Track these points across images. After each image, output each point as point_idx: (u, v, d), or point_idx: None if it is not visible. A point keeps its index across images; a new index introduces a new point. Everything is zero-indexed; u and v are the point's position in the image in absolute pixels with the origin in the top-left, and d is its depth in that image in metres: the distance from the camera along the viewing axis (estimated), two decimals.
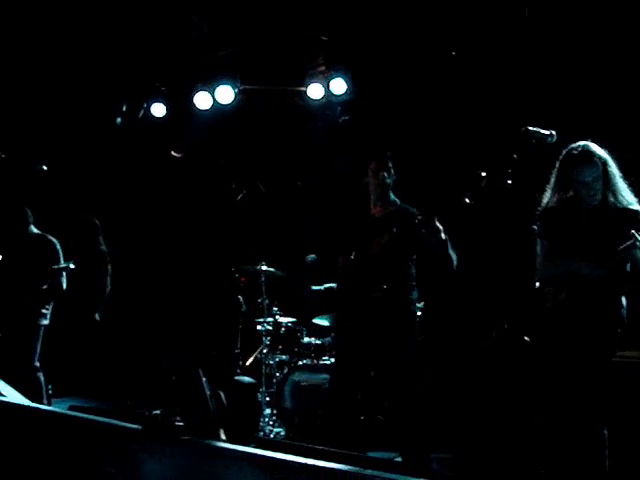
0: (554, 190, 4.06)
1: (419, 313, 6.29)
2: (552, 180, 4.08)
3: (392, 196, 5.06)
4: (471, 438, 5.10)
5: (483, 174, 4.21)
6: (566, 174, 3.98)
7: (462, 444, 5.11)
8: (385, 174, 5.01)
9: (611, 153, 3.94)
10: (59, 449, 3.80)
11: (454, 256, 4.71)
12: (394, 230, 4.75)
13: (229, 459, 3.19)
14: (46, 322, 6.15)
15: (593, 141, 3.97)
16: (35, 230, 6.36)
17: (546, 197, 4.10)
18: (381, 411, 5.80)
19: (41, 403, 5.52)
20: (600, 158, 3.92)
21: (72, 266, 6.06)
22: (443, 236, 4.60)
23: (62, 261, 6.20)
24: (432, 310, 6.31)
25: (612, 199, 3.91)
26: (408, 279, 4.96)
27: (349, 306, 5.09)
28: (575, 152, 3.96)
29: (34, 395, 5.35)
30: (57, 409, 4.33)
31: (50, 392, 6.31)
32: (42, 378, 6.07)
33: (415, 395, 4.90)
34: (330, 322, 6.42)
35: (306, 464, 2.89)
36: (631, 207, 3.89)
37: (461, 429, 5.30)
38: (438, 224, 4.56)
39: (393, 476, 2.68)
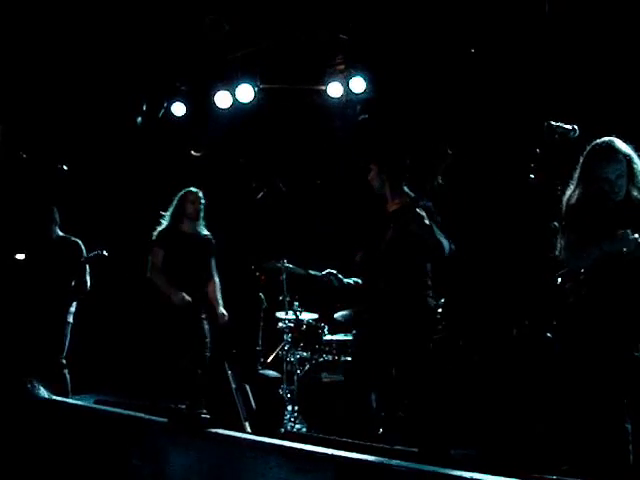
0: (578, 185, 4.06)
1: (439, 310, 6.31)
2: (576, 175, 4.08)
3: (405, 189, 4.95)
4: (493, 434, 5.11)
5: None
6: (590, 170, 3.98)
7: (484, 440, 5.12)
8: (384, 175, 4.98)
9: (636, 149, 3.93)
10: (87, 442, 3.86)
11: (444, 241, 4.65)
12: (400, 225, 4.78)
13: (255, 451, 3.22)
14: (71, 319, 6.23)
15: (618, 137, 3.96)
16: (60, 232, 6.42)
17: (569, 192, 4.10)
18: (401, 407, 5.80)
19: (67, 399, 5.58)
20: (624, 155, 3.91)
21: (105, 253, 6.12)
22: (427, 222, 4.60)
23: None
24: (453, 307, 6.31)
25: (636, 194, 3.90)
26: (420, 275, 4.94)
27: (364, 301, 5.12)
28: (599, 148, 3.96)
29: (60, 391, 5.42)
30: (84, 403, 4.38)
31: None
32: (67, 375, 6.15)
33: (434, 391, 4.90)
34: (349, 317, 6.45)
35: (332, 455, 2.92)
36: None
37: (483, 426, 5.30)
38: (420, 211, 4.57)
39: (418, 466, 2.70)
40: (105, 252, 6.14)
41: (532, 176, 3.99)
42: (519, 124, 6.07)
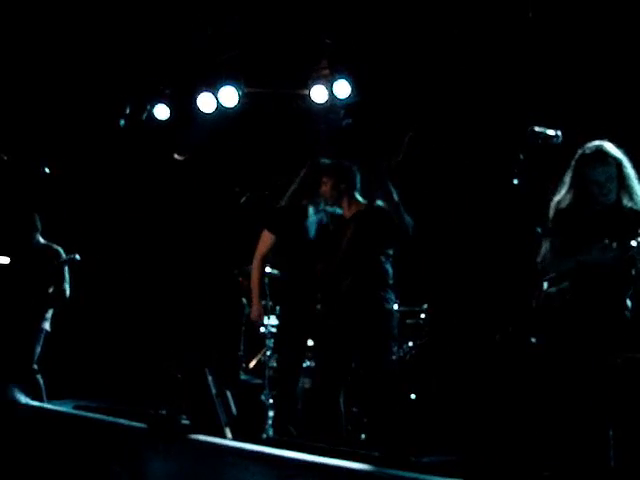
0: (568, 189, 4.08)
1: (422, 315, 6.31)
2: (566, 179, 4.10)
3: (358, 197, 5.11)
4: (476, 440, 5.10)
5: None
6: (580, 173, 4.00)
7: (468, 446, 5.11)
8: (343, 186, 5.09)
9: (627, 154, 3.96)
10: (65, 448, 3.81)
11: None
12: (359, 224, 4.87)
13: (236, 457, 3.19)
14: (47, 326, 6.17)
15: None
16: (41, 240, 6.36)
17: (559, 195, 4.11)
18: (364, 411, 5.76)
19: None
20: (615, 158, 3.93)
21: (78, 257, 6.05)
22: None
23: (66, 268, 6.21)
24: (436, 313, 6.31)
25: (627, 201, 3.92)
26: (381, 276, 4.94)
27: (326, 305, 5.13)
28: (589, 151, 3.98)
29: (34, 396, 5.35)
30: (63, 408, 4.33)
31: None
32: (41, 380, 6.10)
33: (395, 395, 4.91)
34: None
35: (314, 462, 2.89)
36: None
37: (466, 431, 5.29)
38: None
39: (403, 474, 2.68)
40: (77, 256, 6.06)
41: (515, 181, 4.00)
42: (502, 129, 6.08)
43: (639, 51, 5.58)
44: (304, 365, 6.34)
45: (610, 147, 3.96)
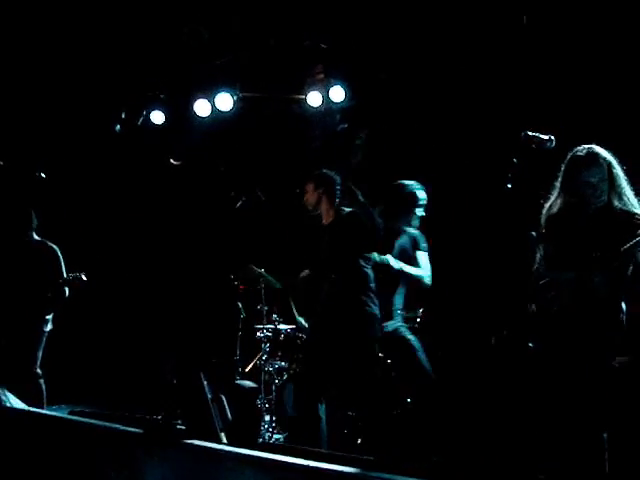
0: (560, 193, 4.10)
1: (418, 320, 6.31)
2: (558, 183, 4.12)
3: (336, 205, 5.24)
4: (472, 444, 5.11)
5: None
6: (572, 176, 4.03)
7: (463, 450, 5.11)
8: (321, 190, 5.25)
9: (616, 157, 3.99)
10: (61, 454, 3.81)
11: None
12: (333, 230, 5.00)
13: (231, 462, 3.19)
14: (48, 329, 6.16)
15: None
16: (36, 237, 6.36)
17: (551, 200, 4.13)
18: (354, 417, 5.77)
19: (42, 409, 5.51)
20: (605, 160, 3.98)
21: (84, 277, 6.00)
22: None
23: (63, 267, 6.20)
24: (431, 316, 6.31)
25: (617, 202, 3.95)
26: (361, 280, 5.02)
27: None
28: (580, 154, 4.02)
29: (35, 401, 5.35)
30: (59, 414, 4.33)
31: None
32: (43, 385, 6.08)
33: (381, 396, 4.95)
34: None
35: (308, 466, 2.90)
36: (636, 210, 3.93)
37: (462, 435, 5.30)
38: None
39: (396, 477, 2.69)
40: (84, 276, 6.01)
41: (509, 185, 4.02)
42: (496, 133, 6.10)
43: (631, 57, 5.60)
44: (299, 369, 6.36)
45: (599, 149, 4.01)
